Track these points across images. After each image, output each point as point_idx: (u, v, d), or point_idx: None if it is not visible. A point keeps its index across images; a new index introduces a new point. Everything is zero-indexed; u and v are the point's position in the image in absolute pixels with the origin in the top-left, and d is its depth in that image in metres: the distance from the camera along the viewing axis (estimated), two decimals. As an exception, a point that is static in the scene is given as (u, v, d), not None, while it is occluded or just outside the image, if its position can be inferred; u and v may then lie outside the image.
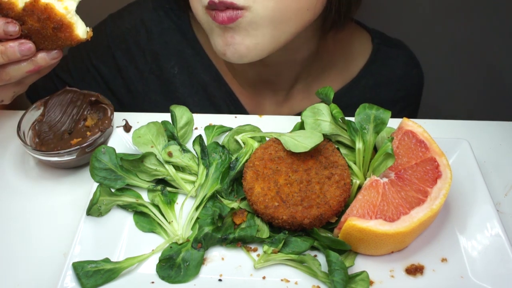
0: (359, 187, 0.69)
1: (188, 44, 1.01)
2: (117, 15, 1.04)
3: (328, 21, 0.92)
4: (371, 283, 0.61)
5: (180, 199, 0.72)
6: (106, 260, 0.62)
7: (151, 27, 1.01)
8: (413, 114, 1.13)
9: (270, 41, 0.81)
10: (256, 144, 0.74)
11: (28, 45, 0.67)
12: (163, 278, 0.62)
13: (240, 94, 1.03)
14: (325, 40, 0.98)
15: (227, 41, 0.80)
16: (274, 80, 1.00)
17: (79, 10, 0.70)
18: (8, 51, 0.67)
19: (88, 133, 0.79)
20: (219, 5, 0.76)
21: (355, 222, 0.61)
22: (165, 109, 0.82)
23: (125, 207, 0.69)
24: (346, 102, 1.00)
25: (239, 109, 1.02)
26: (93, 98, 0.81)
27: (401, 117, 0.73)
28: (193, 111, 0.97)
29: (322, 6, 0.84)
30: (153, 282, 0.62)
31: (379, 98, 1.05)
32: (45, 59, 0.70)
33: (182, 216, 0.69)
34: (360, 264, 0.64)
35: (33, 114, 0.80)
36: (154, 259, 0.64)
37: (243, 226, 0.67)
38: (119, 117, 0.82)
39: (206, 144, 0.75)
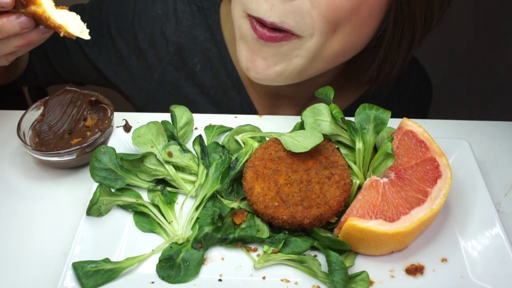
0: (359, 187, 0.68)
1: (215, 45, 0.98)
2: None
3: (365, 76, 0.90)
4: (371, 283, 0.61)
5: (180, 199, 0.72)
6: (106, 260, 0.62)
7: (182, 19, 0.98)
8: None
9: (298, 72, 0.80)
10: (256, 144, 0.74)
11: (26, 17, 0.65)
12: (163, 278, 0.62)
13: (257, 103, 1.02)
14: (346, 66, 0.97)
15: (254, 59, 0.78)
16: (290, 96, 0.99)
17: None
18: (6, 26, 0.65)
19: (88, 133, 0.79)
20: (270, 25, 0.73)
21: (355, 222, 0.61)
22: (176, 103, 0.80)
23: (125, 207, 0.69)
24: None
25: None
26: (93, 98, 0.81)
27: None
28: (206, 111, 0.96)
29: (356, 52, 0.83)
30: (153, 282, 0.61)
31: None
32: (37, 34, 0.68)
33: (182, 216, 0.69)
34: (360, 264, 0.64)
35: (33, 114, 0.80)
36: (154, 259, 0.64)
37: (243, 226, 0.67)
38: (119, 117, 0.82)
39: (206, 144, 0.75)
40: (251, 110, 1.01)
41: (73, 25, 0.67)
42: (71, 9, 0.93)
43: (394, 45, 0.82)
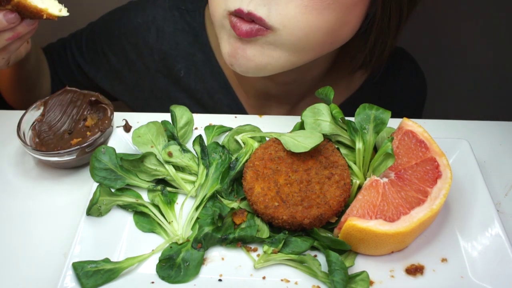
0: (359, 187, 0.68)
1: (200, 48, 0.99)
2: (132, 8, 1.04)
3: (356, 61, 0.90)
4: (371, 283, 0.61)
5: (180, 199, 0.72)
6: (106, 260, 0.62)
7: (163, 26, 1.00)
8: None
9: (283, 64, 0.78)
10: (256, 144, 0.74)
11: (12, 14, 0.72)
12: (163, 278, 0.62)
13: (246, 103, 1.02)
14: (337, 66, 0.97)
15: (236, 52, 0.77)
16: (281, 95, 0.99)
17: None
18: None
19: (88, 133, 0.79)
20: (247, 16, 0.73)
21: (355, 222, 0.61)
22: (168, 108, 0.81)
23: (125, 207, 0.69)
24: (351, 113, 1.00)
25: None
26: (93, 98, 0.81)
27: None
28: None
29: (343, 41, 0.82)
30: (153, 282, 0.62)
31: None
32: (23, 25, 0.74)
33: (182, 216, 0.69)
34: (360, 264, 0.64)
35: (33, 114, 0.80)
36: (154, 259, 0.64)
37: (243, 226, 0.67)
38: (119, 117, 0.82)
39: (206, 144, 0.75)
40: (240, 111, 1.01)
41: (52, 6, 0.74)
42: (72, 37, 1.04)
43: (384, 27, 0.82)
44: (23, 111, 0.80)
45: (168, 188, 0.72)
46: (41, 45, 1.12)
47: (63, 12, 0.75)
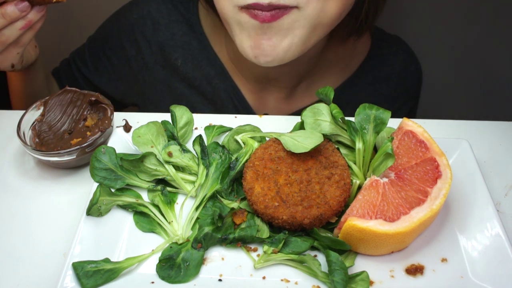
0: (359, 187, 0.69)
1: (195, 37, 1.02)
2: (127, 7, 1.07)
3: (349, 28, 0.94)
4: (371, 283, 0.61)
5: (180, 199, 0.72)
6: (106, 260, 0.62)
7: (158, 19, 1.03)
8: (412, 110, 1.14)
9: (303, 43, 0.81)
10: (256, 144, 0.74)
11: (23, 2, 0.77)
12: (163, 278, 0.62)
13: (244, 88, 1.03)
14: (331, 40, 1.00)
15: (260, 43, 0.79)
16: (279, 77, 1.01)
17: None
18: (8, 12, 0.77)
19: (88, 133, 0.79)
20: (268, 7, 0.75)
21: (355, 222, 0.61)
22: (170, 100, 0.82)
23: (125, 207, 0.69)
24: (346, 99, 1.01)
25: (242, 104, 1.03)
26: (93, 98, 0.81)
27: (401, 113, 0.73)
28: (194, 104, 1.00)
29: (347, 12, 0.85)
30: (153, 282, 0.62)
31: (379, 94, 1.06)
32: (34, 13, 0.79)
33: (182, 216, 0.69)
34: (360, 264, 0.64)
35: (33, 114, 0.80)
36: (154, 259, 0.64)
37: (243, 226, 0.67)
38: (119, 117, 0.82)
39: (206, 144, 0.75)
40: (237, 95, 1.03)
41: None
42: (75, 53, 1.12)
43: None
44: (23, 111, 0.80)
45: (168, 188, 0.72)
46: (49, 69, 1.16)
47: None
